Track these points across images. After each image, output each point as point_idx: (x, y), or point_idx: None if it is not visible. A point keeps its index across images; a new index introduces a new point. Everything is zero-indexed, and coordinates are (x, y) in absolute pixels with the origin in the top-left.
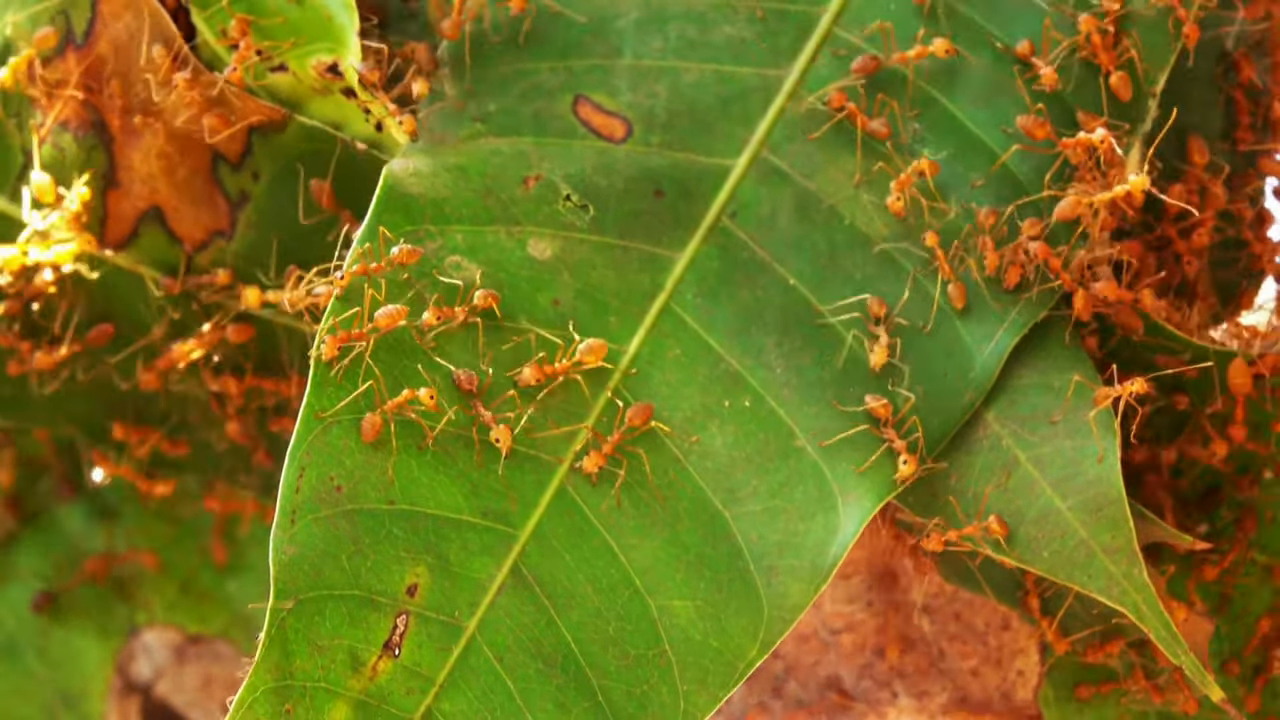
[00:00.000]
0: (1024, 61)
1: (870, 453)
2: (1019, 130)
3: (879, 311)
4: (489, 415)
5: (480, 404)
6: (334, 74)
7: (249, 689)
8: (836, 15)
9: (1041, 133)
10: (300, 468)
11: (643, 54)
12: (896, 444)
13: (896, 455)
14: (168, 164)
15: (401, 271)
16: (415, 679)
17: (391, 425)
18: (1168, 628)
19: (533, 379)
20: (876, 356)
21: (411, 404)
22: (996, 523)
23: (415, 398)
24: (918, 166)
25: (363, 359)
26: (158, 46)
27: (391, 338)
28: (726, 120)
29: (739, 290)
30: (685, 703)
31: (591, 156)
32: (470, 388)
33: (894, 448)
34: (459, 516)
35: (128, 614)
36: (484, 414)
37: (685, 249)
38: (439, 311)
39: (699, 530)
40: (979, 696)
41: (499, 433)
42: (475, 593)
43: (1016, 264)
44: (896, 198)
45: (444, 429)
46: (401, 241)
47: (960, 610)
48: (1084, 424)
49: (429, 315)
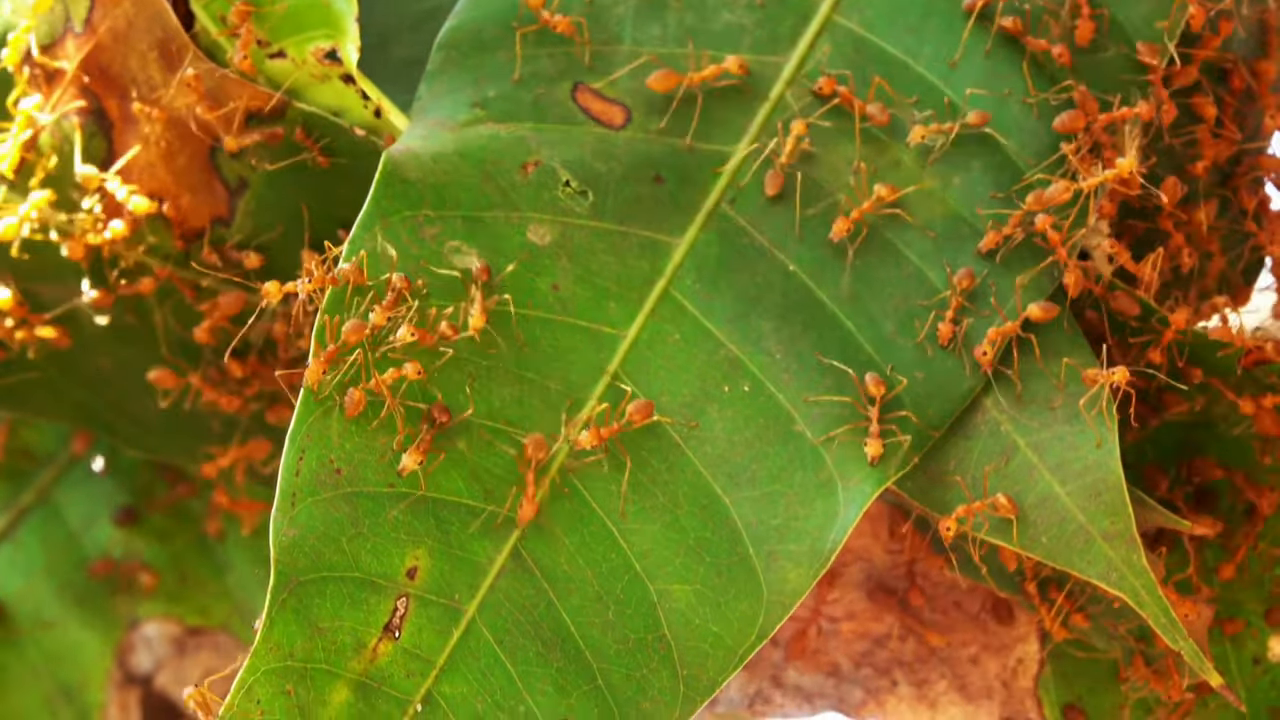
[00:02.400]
0: (1016, 39)
1: (863, 429)
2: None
3: (874, 392)
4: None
5: (481, 294)
6: (332, 60)
7: (249, 670)
8: (836, 2)
9: (1082, 124)
10: (300, 450)
11: (642, 41)
12: (872, 425)
13: (867, 435)
14: (167, 151)
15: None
16: (415, 661)
17: (399, 412)
18: (1166, 613)
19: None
20: (871, 449)
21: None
22: (1006, 502)
23: (402, 376)
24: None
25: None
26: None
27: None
28: (726, 107)
29: (738, 276)
30: (685, 687)
31: (591, 142)
32: (480, 278)
33: (869, 428)
34: (459, 500)
35: (128, 606)
36: (479, 306)
37: (685, 235)
38: (418, 332)
39: (698, 515)
40: (978, 684)
41: (475, 317)
42: (475, 576)
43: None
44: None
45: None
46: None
47: (960, 598)
48: (1082, 409)
49: (404, 331)
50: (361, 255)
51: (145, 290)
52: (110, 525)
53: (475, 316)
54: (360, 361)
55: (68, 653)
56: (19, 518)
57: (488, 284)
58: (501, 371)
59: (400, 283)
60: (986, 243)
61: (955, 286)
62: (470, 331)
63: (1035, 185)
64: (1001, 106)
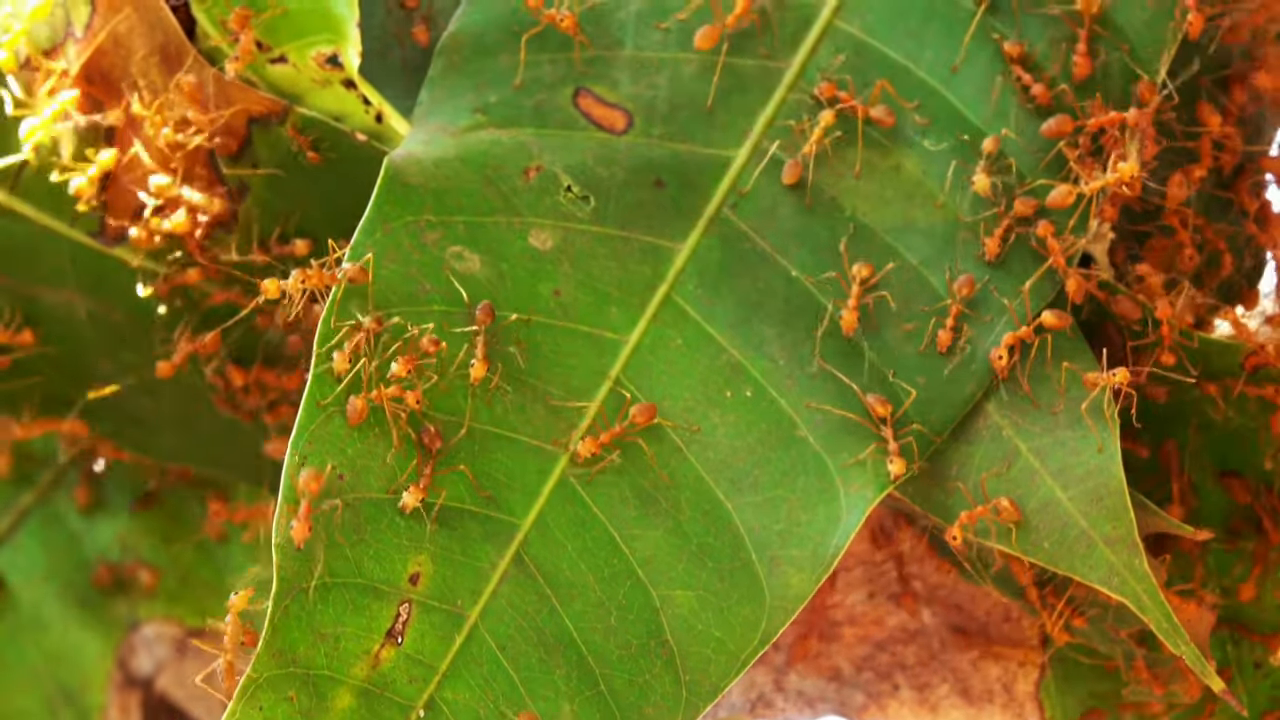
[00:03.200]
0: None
1: (871, 443)
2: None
3: (882, 412)
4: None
5: (483, 339)
6: (334, 65)
7: (252, 677)
8: (837, 7)
9: (1069, 127)
10: (302, 457)
11: (644, 45)
12: (891, 444)
13: (887, 454)
14: (167, 156)
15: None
16: (418, 667)
17: (402, 416)
18: (1169, 618)
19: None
20: (895, 467)
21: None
22: (1008, 506)
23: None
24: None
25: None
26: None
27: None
28: (727, 111)
29: (740, 281)
30: (687, 692)
31: (592, 148)
32: (483, 322)
33: (888, 448)
34: (461, 505)
35: (128, 607)
36: (480, 353)
37: (686, 240)
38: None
39: (701, 520)
40: (980, 688)
41: (475, 366)
42: (477, 581)
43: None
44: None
45: (445, 419)
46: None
47: (961, 602)
48: (1084, 414)
49: (397, 367)
50: (367, 259)
51: (191, 280)
52: (110, 527)
53: (476, 365)
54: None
55: (68, 654)
56: (19, 519)
57: (490, 328)
58: (503, 378)
59: (429, 345)
60: (989, 249)
61: (955, 294)
62: (472, 380)
63: (1038, 190)
64: (1003, 111)
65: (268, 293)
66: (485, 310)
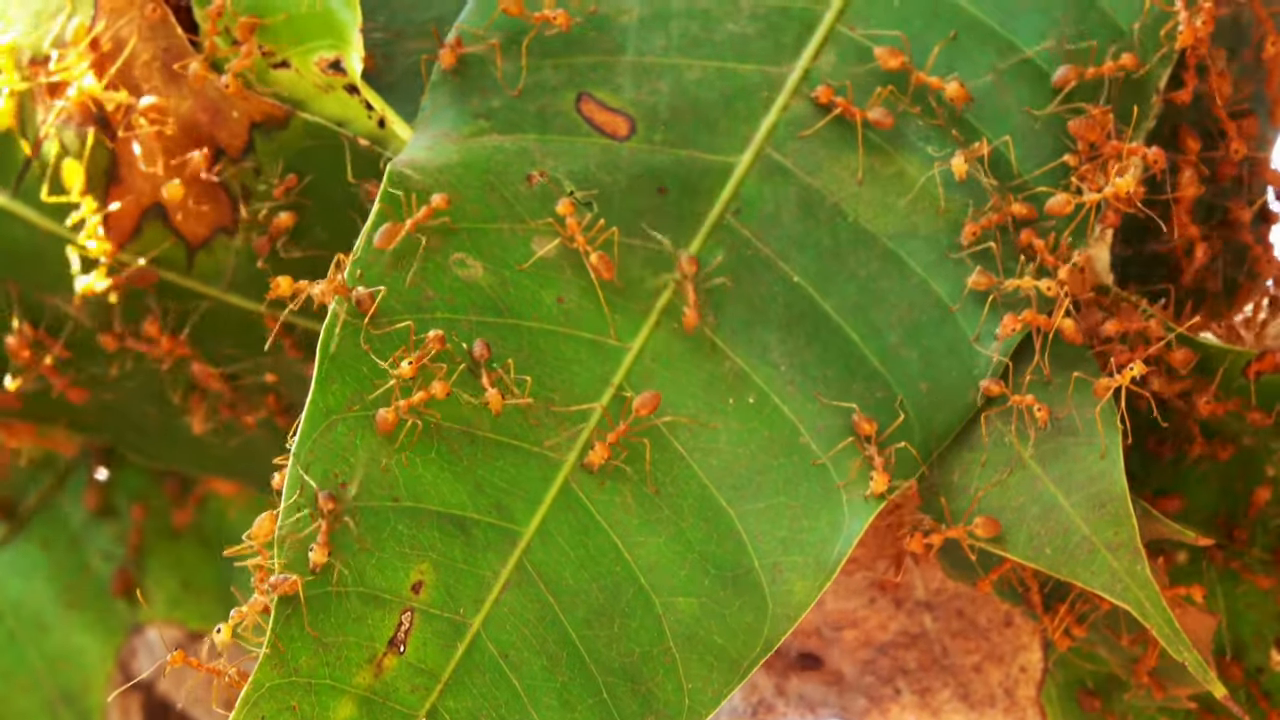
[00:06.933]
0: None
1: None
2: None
3: (867, 430)
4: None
5: (486, 372)
6: (337, 70)
7: (254, 686)
8: (840, 12)
9: (1095, 135)
10: (305, 464)
11: (646, 51)
12: (875, 460)
13: (871, 469)
14: (170, 160)
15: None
16: (420, 676)
17: (416, 423)
18: (1171, 624)
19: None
20: (876, 484)
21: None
22: (984, 524)
23: (431, 397)
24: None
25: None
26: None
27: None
28: (730, 118)
29: (742, 287)
30: (690, 700)
31: (595, 154)
32: (482, 357)
33: (872, 463)
34: (464, 514)
35: (129, 611)
36: (487, 383)
37: (689, 246)
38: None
39: (703, 527)
40: (982, 692)
41: (491, 396)
42: (480, 590)
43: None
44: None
45: (450, 426)
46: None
47: (963, 607)
48: (1086, 420)
49: (405, 366)
50: (378, 290)
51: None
52: (112, 530)
53: (492, 397)
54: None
55: (69, 657)
56: (21, 522)
57: (489, 361)
58: (506, 384)
59: (435, 344)
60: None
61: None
62: (492, 411)
63: (1039, 195)
64: (1006, 117)
65: (279, 290)
66: (483, 350)
